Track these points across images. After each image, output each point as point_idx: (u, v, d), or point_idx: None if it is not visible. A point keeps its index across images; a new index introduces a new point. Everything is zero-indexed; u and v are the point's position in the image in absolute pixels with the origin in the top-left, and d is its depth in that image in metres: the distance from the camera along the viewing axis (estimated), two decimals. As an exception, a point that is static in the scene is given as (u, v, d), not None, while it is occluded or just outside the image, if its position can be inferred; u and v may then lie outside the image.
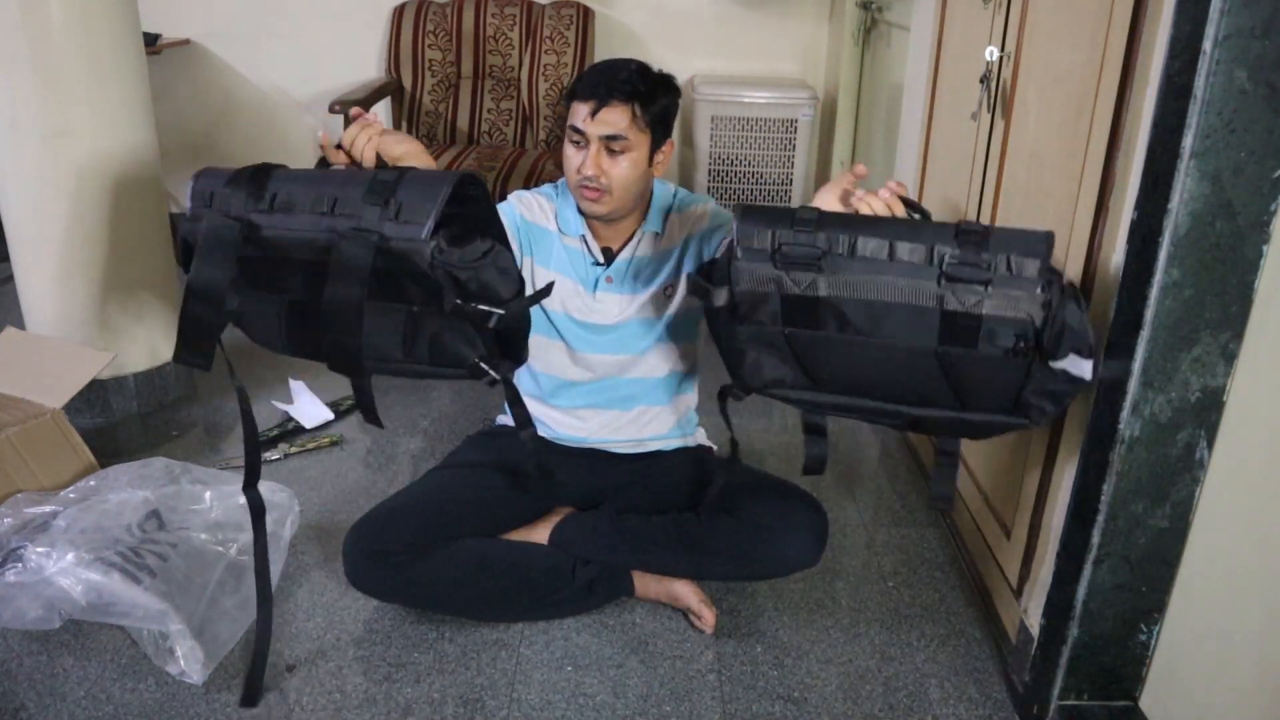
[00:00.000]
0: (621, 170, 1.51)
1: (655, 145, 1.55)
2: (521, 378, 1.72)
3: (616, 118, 1.49)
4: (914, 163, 2.24)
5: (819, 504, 1.62)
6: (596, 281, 1.63)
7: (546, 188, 1.67)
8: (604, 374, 1.68)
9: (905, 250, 1.17)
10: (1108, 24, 1.29)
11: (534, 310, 1.60)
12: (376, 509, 1.63)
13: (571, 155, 1.53)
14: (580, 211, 1.60)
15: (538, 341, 1.65)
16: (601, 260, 1.63)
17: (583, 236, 1.62)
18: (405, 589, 1.60)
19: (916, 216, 1.29)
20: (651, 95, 1.52)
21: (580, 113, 1.50)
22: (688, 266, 1.61)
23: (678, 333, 1.67)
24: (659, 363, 1.68)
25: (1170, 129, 1.11)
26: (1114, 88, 1.26)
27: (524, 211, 1.63)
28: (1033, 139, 1.56)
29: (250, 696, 1.47)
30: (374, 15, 3.39)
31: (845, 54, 3.22)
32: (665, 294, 1.63)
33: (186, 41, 3.44)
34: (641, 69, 1.53)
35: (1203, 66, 1.05)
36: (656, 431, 1.74)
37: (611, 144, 1.50)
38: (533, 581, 1.63)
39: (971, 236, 1.15)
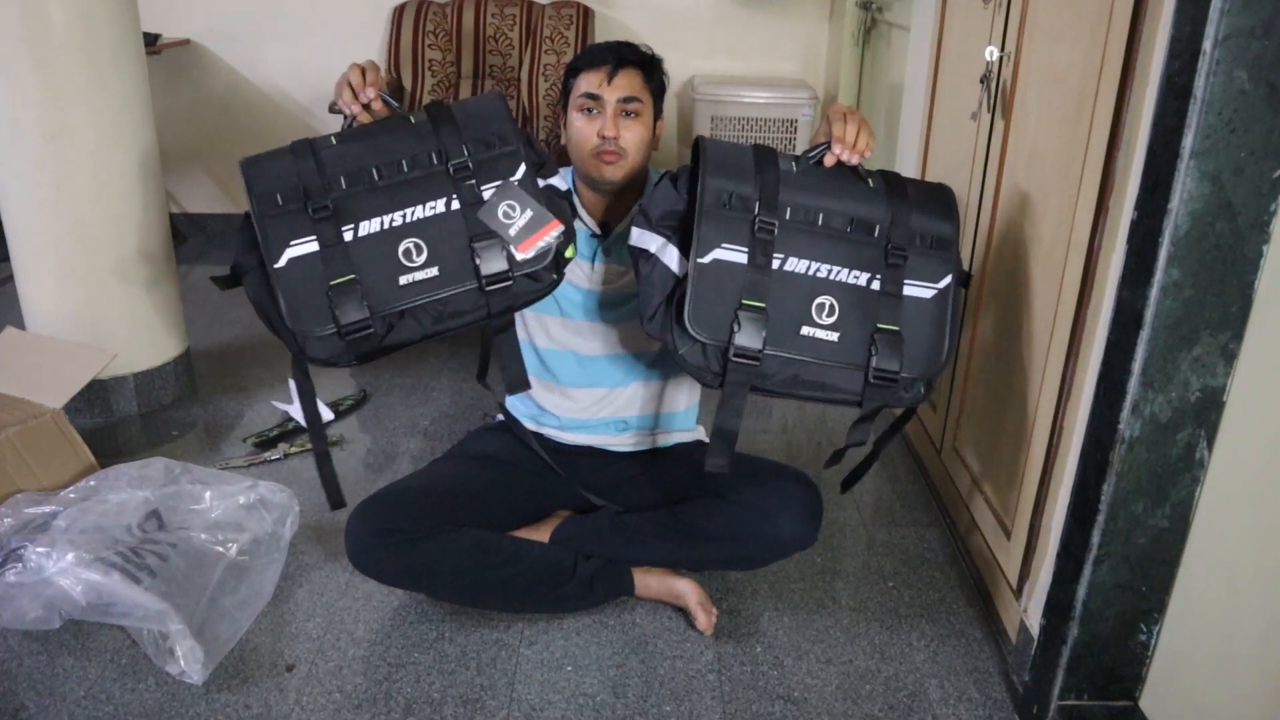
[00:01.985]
0: (635, 133, 1.58)
1: (655, 115, 1.63)
2: (529, 362, 1.73)
3: (630, 80, 1.57)
4: (914, 163, 2.24)
5: (811, 481, 1.63)
6: (595, 253, 1.67)
7: None
8: (607, 345, 1.70)
9: None
10: (1108, 24, 1.29)
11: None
12: (384, 489, 1.64)
13: (584, 125, 1.58)
14: (589, 185, 1.64)
15: (541, 320, 1.70)
16: (599, 233, 1.67)
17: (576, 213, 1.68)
18: (406, 571, 1.59)
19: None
20: (653, 66, 1.61)
21: (594, 80, 1.56)
22: None
23: None
24: None
25: (1170, 129, 1.11)
26: (1114, 88, 1.26)
27: None
28: (1033, 139, 1.56)
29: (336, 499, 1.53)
30: (374, 15, 3.40)
31: (845, 54, 3.22)
32: None
33: (186, 41, 3.45)
34: (636, 46, 1.61)
35: (1203, 66, 1.05)
36: (660, 409, 1.76)
37: (627, 106, 1.57)
38: (534, 572, 1.64)
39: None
